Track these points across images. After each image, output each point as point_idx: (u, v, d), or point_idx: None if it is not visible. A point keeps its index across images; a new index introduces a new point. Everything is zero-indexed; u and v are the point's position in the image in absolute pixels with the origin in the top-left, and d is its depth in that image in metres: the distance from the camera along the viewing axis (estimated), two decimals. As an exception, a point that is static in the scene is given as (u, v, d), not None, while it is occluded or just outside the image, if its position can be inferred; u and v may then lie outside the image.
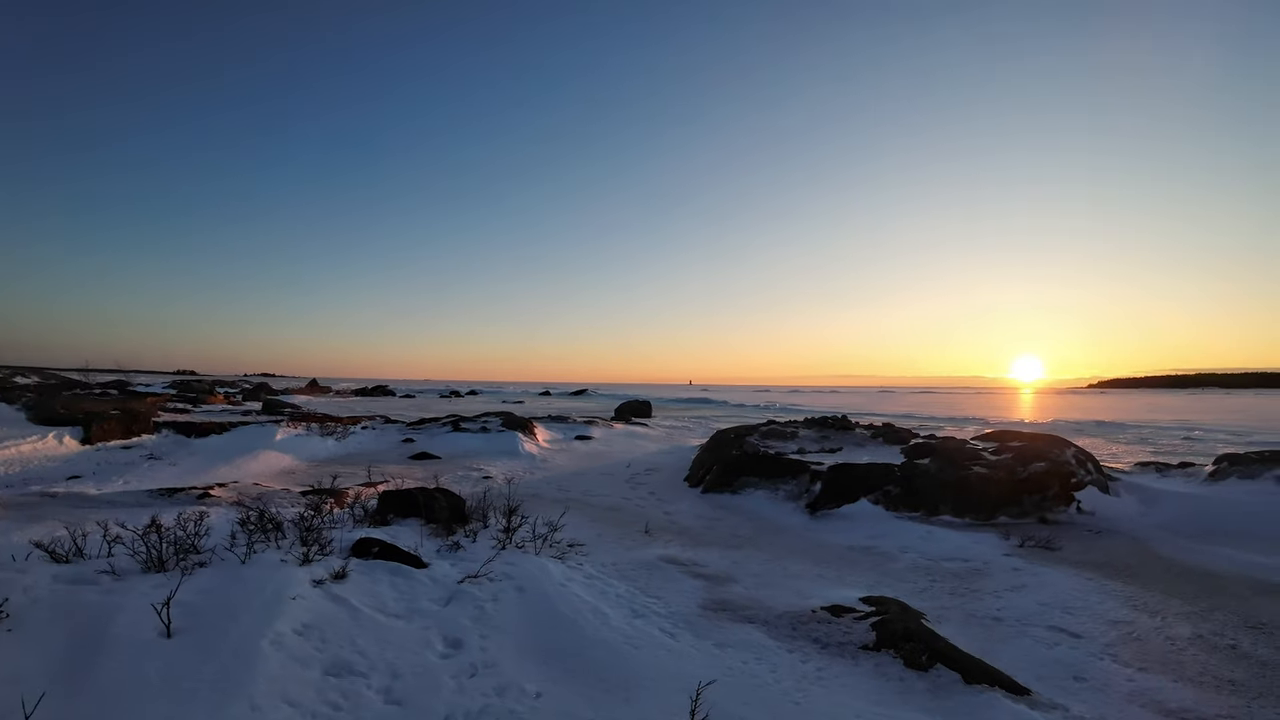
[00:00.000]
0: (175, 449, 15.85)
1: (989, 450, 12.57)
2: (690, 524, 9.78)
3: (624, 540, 8.68)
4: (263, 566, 6.12)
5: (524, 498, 10.79)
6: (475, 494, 10.89)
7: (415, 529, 8.12)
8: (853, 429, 15.27)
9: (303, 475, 13.56)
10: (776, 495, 11.23)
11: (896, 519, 10.39)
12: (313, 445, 17.17)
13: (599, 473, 14.62)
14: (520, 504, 9.05)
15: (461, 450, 17.28)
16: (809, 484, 11.08)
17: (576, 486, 12.65)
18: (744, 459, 12.13)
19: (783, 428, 14.76)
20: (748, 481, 11.69)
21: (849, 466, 11.33)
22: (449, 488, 12.20)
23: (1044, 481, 11.32)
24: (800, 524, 10.04)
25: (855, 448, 13.72)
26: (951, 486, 11.03)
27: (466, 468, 14.51)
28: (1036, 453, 12.09)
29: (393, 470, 14.16)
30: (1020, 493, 11.13)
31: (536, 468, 15.05)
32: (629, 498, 11.63)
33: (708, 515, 10.38)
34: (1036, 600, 6.87)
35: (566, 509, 9.94)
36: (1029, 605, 6.72)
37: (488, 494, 10.76)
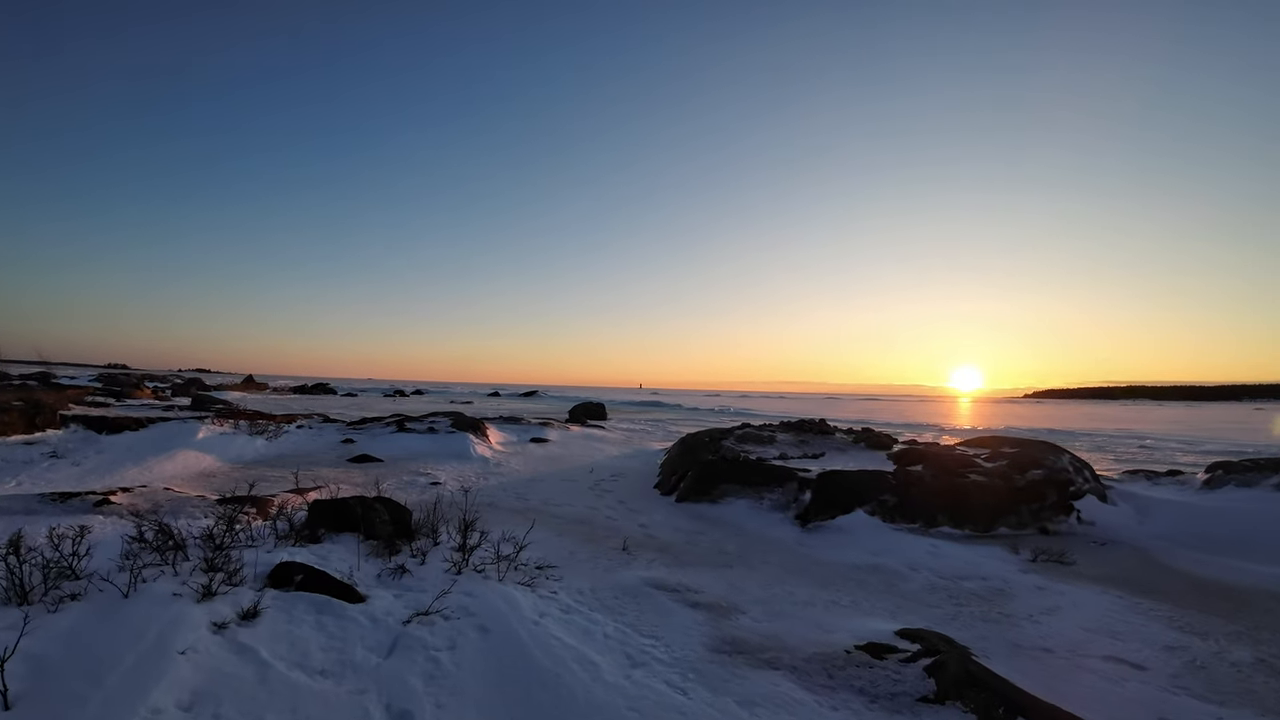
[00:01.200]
0: (82, 446, 14.04)
1: (982, 457, 11.78)
2: (670, 538, 8.63)
3: (600, 559, 7.48)
4: (150, 601, 4.79)
5: (479, 508, 9.55)
6: (423, 503, 9.59)
7: (352, 547, 6.80)
8: (832, 433, 14.33)
9: (224, 479, 12.01)
10: (761, 505, 10.17)
11: (895, 531, 9.45)
12: (239, 445, 15.50)
13: (559, 478, 13.36)
14: (477, 515, 7.82)
15: (407, 453, 15.80)
16: (797, 493, 10.05)
17: (537, 494, 11.40)
18: (723, 465, 11.04)
19: (758, 431, 13.74)
20: (728, 490, 10.60)
21: (840, 474, 10.34)
22: (393, 495, 10.84)
23: (1042, 490, 10.61)
24: (791, 538, 8.98)
25: (837, 453, 12.77)
26: (948, 496, 10.19)
27: (413, 472, 13.10)
28: (1032, 459, 11.35)
29: (329, 475, 12.69)
30: (1019, 502, 10.39)
31: (490, 472, 13.72)
32: (596, 507, 10.42)
33: (687, 528, 9.25)
34: (1077, 624, 6.22)
35: (531, 522, 8.71)
36: (1072, 631, 6.04)
37: (438, 503, 9.46)
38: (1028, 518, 10.25)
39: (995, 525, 10.05)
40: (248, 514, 9.00)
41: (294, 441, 17.13)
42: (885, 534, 9.32)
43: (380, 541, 7.15)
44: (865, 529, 9.45)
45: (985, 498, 10.28)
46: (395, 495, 10.65)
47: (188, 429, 15.85)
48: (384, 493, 11.09)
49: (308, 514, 7.99)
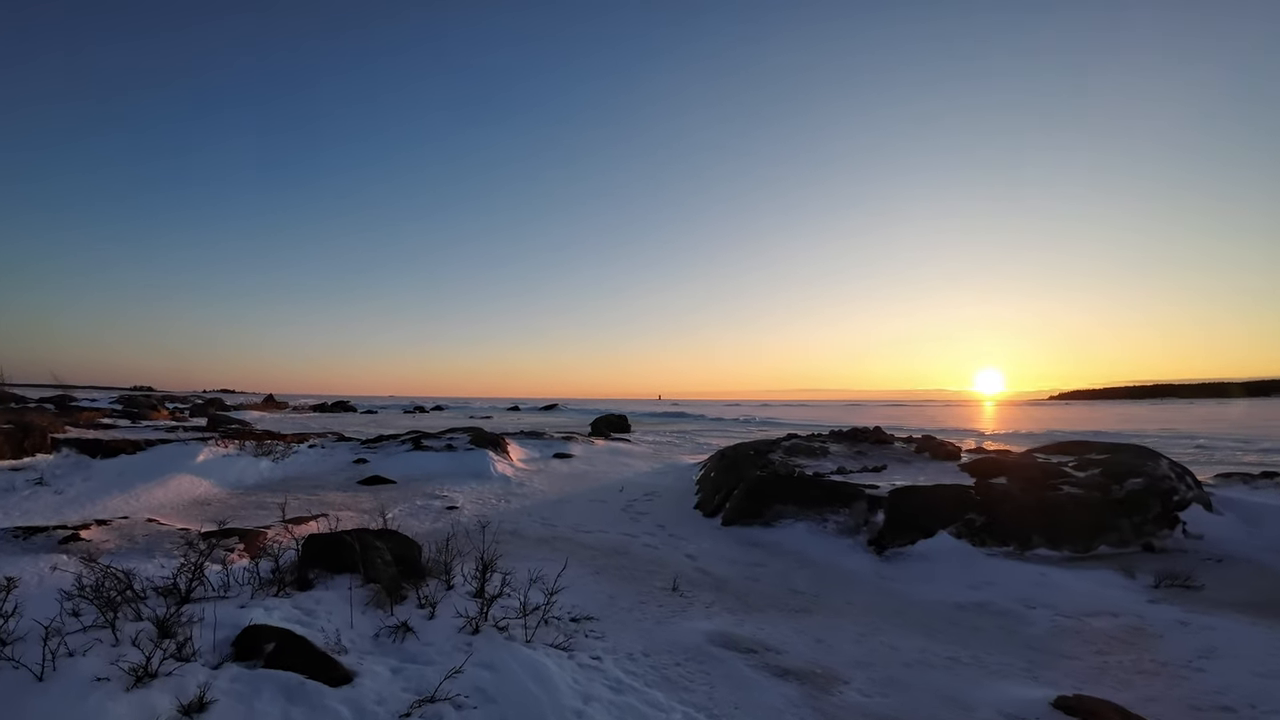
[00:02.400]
0: (71, 472, 12.95)
1: (1069, 465, 10.36)
2: (725, 572, 7.28)
3: (647, 604, 6.13)
4: (66, 688, 3.59)
5: (500, 536, 8.31)
6: (437, 533, 8.40)
7: (345, 595, 5.54)
8: (890, 443, 12.93)
9: (219, 507, 10.83)
10: (824, 528, 8.80)
11: (988, 557, 8.07)
12: (242, 468, 14.35)
13: (588, 499, 12.06)
14: (497, 548, 6.56)
15: (422, 473, 14.58)
16: (868, 514, 8.67)
17: (564, 518, 10.11)
18: (775, 481, 9.69)
19: (808, 443, 12.38)
20: (783, 511, 9.24)
21: (916, 491, 8.96)
22: (404, 521, 9.61)
23: (1143, 501, 9.23)
24: (869, 569, 7.62)
25: (899, 465, 11.37)
26: (1041, 512, 8.78)
27: (427, 495, 11.86)
28: (1129, 467, 9.93)
29: (335, 499, 11.49)
30: (1119, 515, 9.02)
31: (512, 493, 12.44)
32: (633, 534, 9.11)
33: (742, 558, 7.90)
34: (1248, 670, 5.00)
35: (560, 556, 7.44)
36: (1246, 681, 4.81)
37: (453, 534, 8.21)
38: (1129, 533, 8.85)
39: (1095, 544, 8.65)
40: (233, 551, 7.84)
41: (303, 463, 15.96)
42: (978, 561, 7.94)
43: (382, 586, 5.89)
44: (953, 555, 8.07)
45: (1082, 513, 8.88)
46: (406, 523, 9.42)
47: (187, 452, 14.73)
48: (393, 520, 9.87)
49: (299, 552, 6.77)
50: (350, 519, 9.64)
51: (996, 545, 8.44)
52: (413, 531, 8.77)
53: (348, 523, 9.41)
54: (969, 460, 11.33)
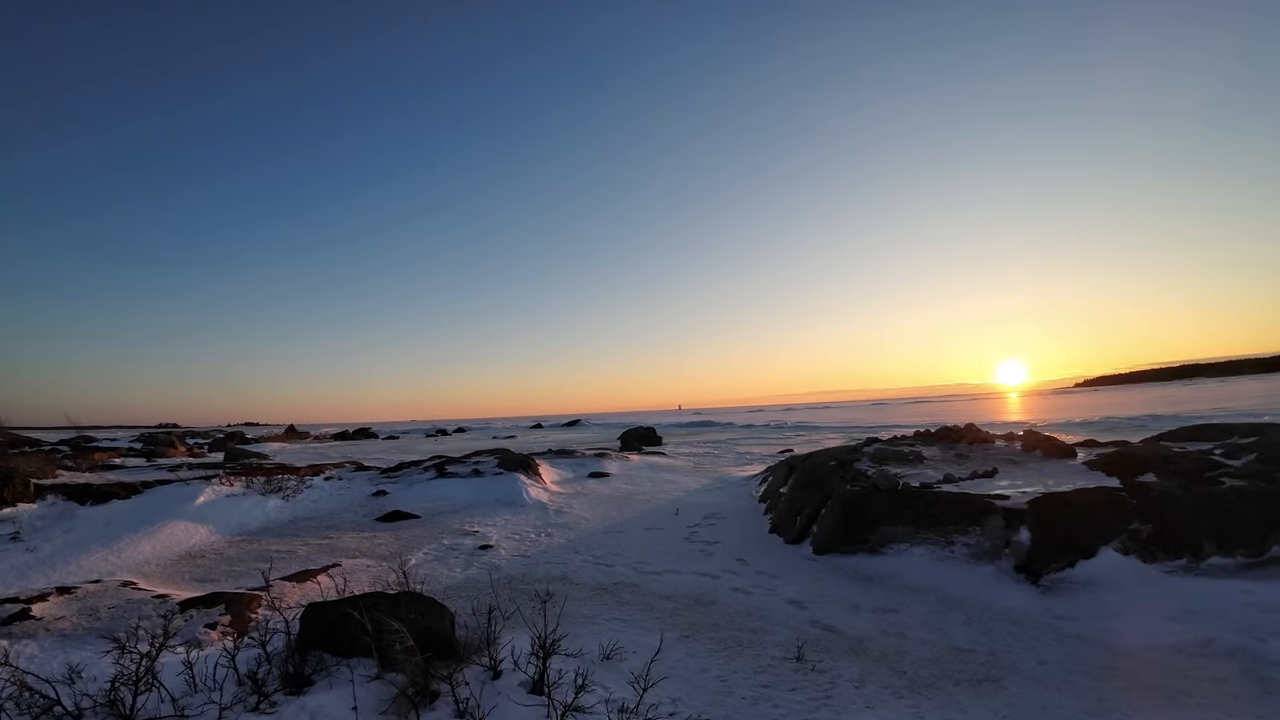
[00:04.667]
0: (53, 523, 11.41)
1: (1217, 452, 8.58)
2: (855, 627, 5.52)
3: (774, 688, 4.35)
4: None
5: (548, 584, 6.68)
6: (470, 583, 6.81)
7: (350, 699, 3.93)
8: (990, 441, 11.11)
9: (213, 560, 9.25)
10: (951, 554, 7.05)
11: (1167, 575, 6.36)
12: (246, 510, 12.77)
13: (641, 527, 10.34)
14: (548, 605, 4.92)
15: (448, 504, 12.94)
16: (1006, 532, 6.92)
17: (620, 555, 8.41)
18: (879, 497, 7.92)
19: (895, 447, 10.61)
20: (893, 533, 7.50)
21: (1060, 499, 7.19)
22: (430, 568, 7.94)
23: None
24: (1034, 606, 5.84)
25: (1010, 466, 9.58)
26: (1209, 512, 7.02)
27: (455, 531, 10.21)
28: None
29: (350, 543, 9.88)
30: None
31: (552, 524, 10.75)
32: (711, 572, 7.39)
33: (864, 603, 6.14)
34: None
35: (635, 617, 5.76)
36: None
37: (492, 586, 6.62)
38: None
39: (1267, 546, 6.88)
40: (214, 627, 6.24)
41: (316, 499, 14.37)
42: (1160, 582, 6.20)
43: (404, 679, 4.26)
44: (1128, 578, 6.31)
45: (1253, 509, 7.11)
46: (432, 571, 7.77)
47: (186, 494, 13.18)
48: (417, 568, 8.20)
49: (299, 630, 5.18)
50: (365, 570, 8.02)
51: (1168, 558, 6.70)
52: (441, 585, 7.12)
53: (361, 575, 7.79)
54: (1095, 456, 9.52)
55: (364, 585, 7.19)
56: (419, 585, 6.91)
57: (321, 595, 6.82)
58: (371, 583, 7.36)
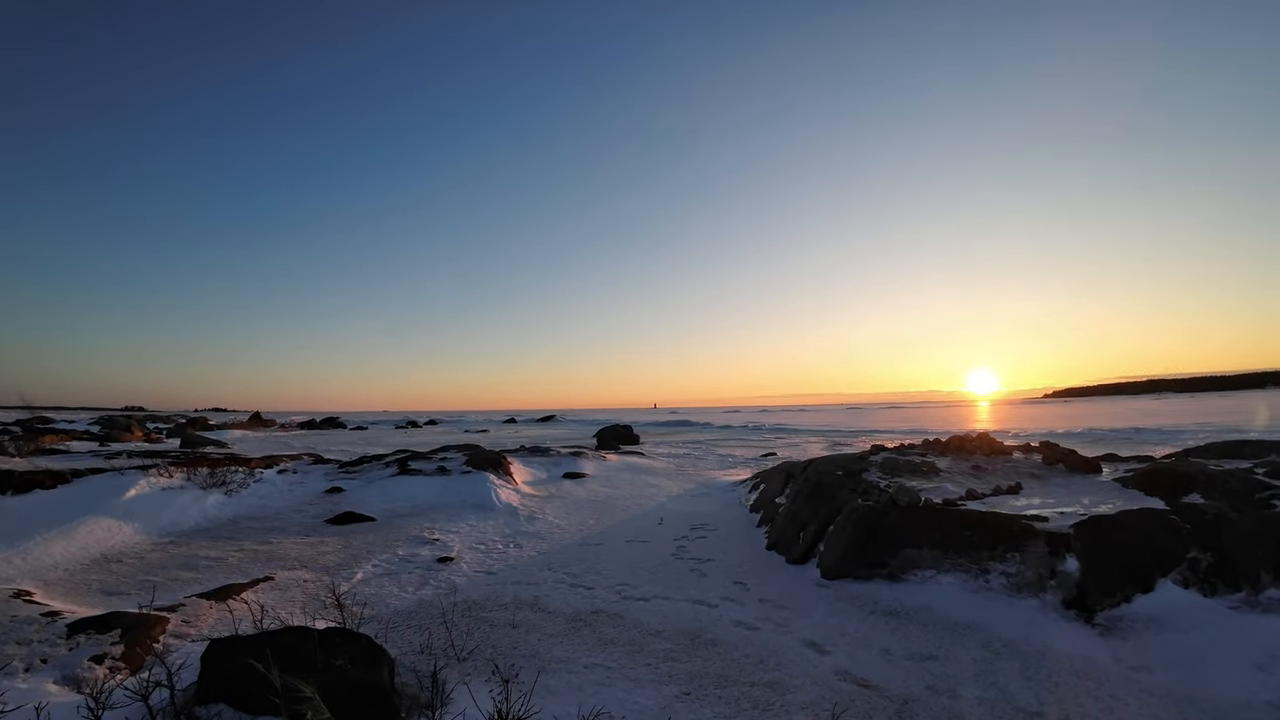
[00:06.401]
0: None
1: (1261, 472, 7.71)
2: (894, 681, 4.44)
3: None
4: None
5: (515, 609, 5.62)
6: (423, 607, 5.71)
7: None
8: (1008, 453, 10.15)
9: (131, 566, 8.04)
10: (986, 583, 6.06)
11: (1234, 613, 5.44)
12: (182, 505, 11.50)
13: (623, 538, 9.26)
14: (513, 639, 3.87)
15: (409, 505, 11.76)
16: (1050, 560, 5.94)
17: (601, 573, 7.33)
18: (899, 515, 6.90)
19: (903, 456, 9.62)
20: (917, 557, 6.50)
21: (1109, 524, 6.22)
22: (378, 587, 6.71)
23: None
24: (1098, 652, 4.85)
25: (1035, 481, 8.62)
26: (1263, 540, 6.13)
27: (413, 538, 9.06)
28: None
29: (290, 550, 8.70)
30: None
31: (523, 532, 9.64)
32: (708, 599, 6.32)
33: (896, 646, 5.09)
34: None
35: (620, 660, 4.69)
36: None
37: (449, 613, 5.52)
38: None
39: None
40: (102, 660, 5.08)
41: (263, 495, 13.11)
42: (1228, 621, 5.27)
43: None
44: (1195, 615, 5.37)
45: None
46: (380, 591, 6.63)
47: (117, 485, 11.87)
48: (362, 584, 7.03)
49: (200, 676, 4.08)
50: (301, 586, 6.86)
51: (1229, 591, 5.79)
52: (389, 609, 5.99)
53: (296, 594, 6.64)
54: (1128, 472, 8.60)
55: (295, 608, 6.05)
56: (361, 609, 5.80)
57: (245, 618, 5.68)
58: (305, 603, 6.22)
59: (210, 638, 4.83)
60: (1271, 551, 6.11)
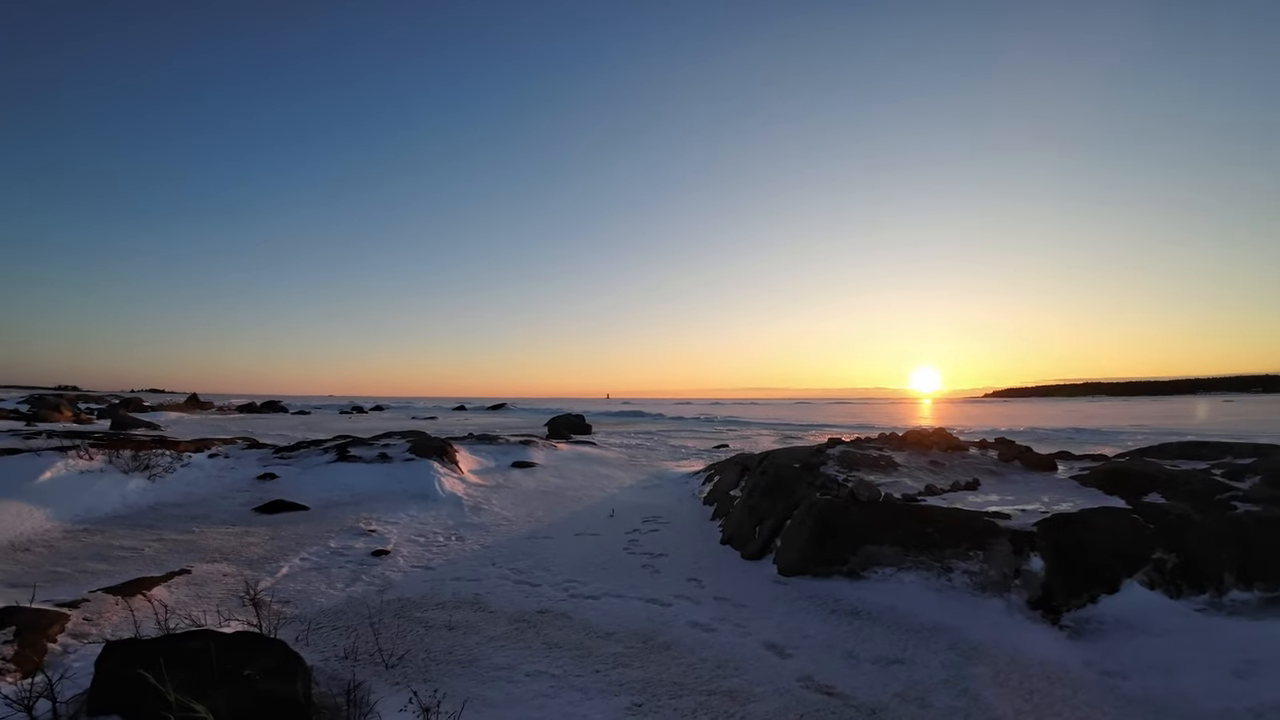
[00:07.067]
0: None
1: (1219, 473, 7.70)
2: (861, 689, 4.12)
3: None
4: None
5: (454, 609, 5.19)
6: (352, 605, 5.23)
7: None
8: (965, 449, 10.02)
9: (40, 555, 7.37)
10: (949, 582, 5.84)
11: (1201, 614, 5.39)
12: (101, 490, 10.73)
13: (573, 531, 8.88)
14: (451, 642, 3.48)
15: (346, 493, 11.18)
16: (1015, 559, 5.75)
17: (549, 569, 6.93)
18: (860, 510, 6.66)
19: (861, 450, 9.41)
20: (878, 555, 6.25)
21: (1075, 522, 6.07)
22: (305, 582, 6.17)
23: None
24: (1069, 656, 4.63)
25: (993, 477, 8.51)
26: (1227, 541, 6.07)
27: (346, 530, 8.54)
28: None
29: (213, 540, 8.10)
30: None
31: (466, 524, 9.18)
32: (661, 598, 5.97)
33: (861, 650, 4.78)
34: None
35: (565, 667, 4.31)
36: None
37: (379, 612, 5.06)
38: None
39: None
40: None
41: (190, 481, 12.35)
42: (1197, 623, 5.17)
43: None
44: (1163, 618, 5.25)
45: (1269, 537, 6.24)
46: (307, 588, 6.13)
47: (31, 467, 11.03)
48: (287, 579, 6.50)
49: (93, 682, 3.61)
50: (220, 581, 6.31)
51: (1193, 592, 5.72)
52: (314, 608, 5.50)
53: (213, 589, 6.09)
54: (1084, 470, 8.54)
55: (211, 605, 5.52)
56: (281, 607, 5.31)
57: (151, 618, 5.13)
58: (222, 601, 5.69)
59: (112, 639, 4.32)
60: (1235, 553, 6.05)
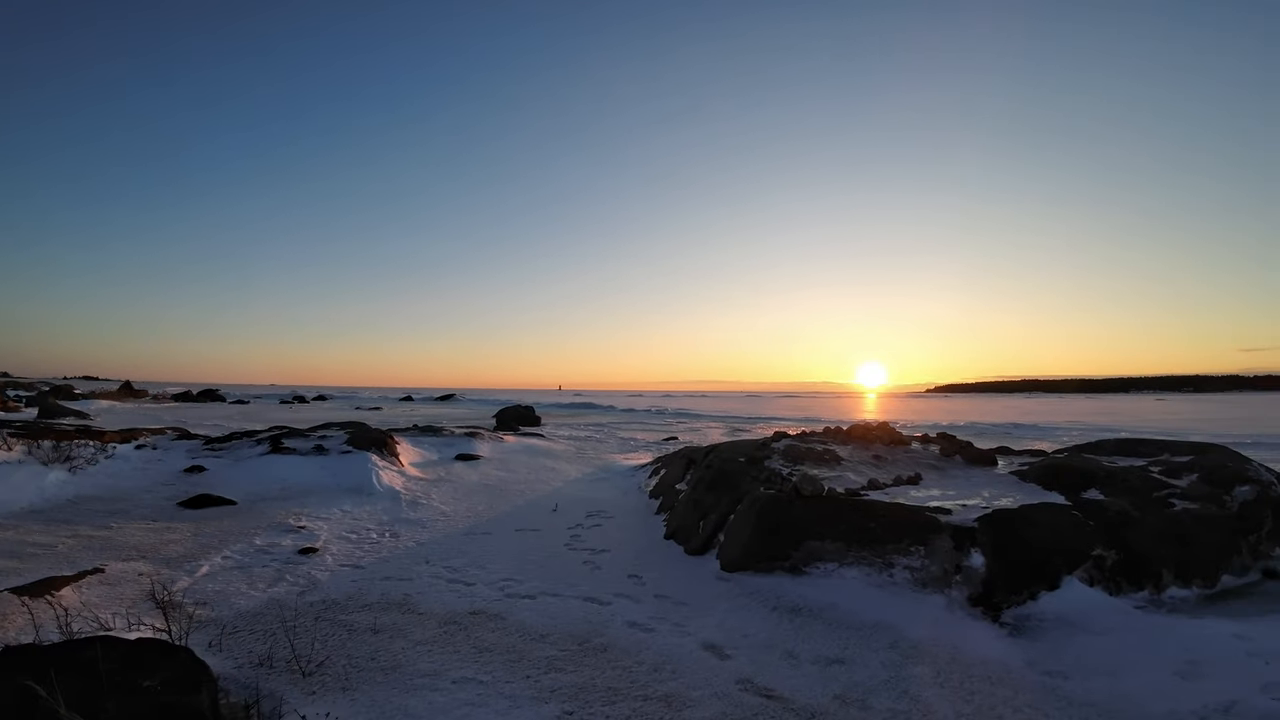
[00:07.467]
0: None
1: (1156, 470, 7.86)
2: (797, 689, 4.02)
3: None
4: None
5: (380, 610, 4.95)
6: (270, 609, 4.96)
7: None
8: (907, 443, 10.07)
9: (-68, 555, 6.85)
10: (890, 578, 5.80)
11: (1141, 612, 5.49)
12: (18, 483, 10.11)
13: (513, 527, 8.65)
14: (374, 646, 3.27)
15: (277, 487, 10.74)
16: (955, 554, 5.74)
17: (484, 567, 6.70)
18: (803, 506, 6.60)
19: (805, 443, 9.36)
20: (821, 550, 6.19)
21: (1016, 518, 6.09)
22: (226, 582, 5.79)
23: (1258, 514, 6.90)
24: (1011, 655, 4.60)
25: (934, 472, 8.56)
26: (1166, 539, 6.21)
27: (274, 526, 8.17)
28: (1232, 471, 7.62)
29: (132, 536, 7.67)
30: (1236, 534, 6.60)
31: (402, 519, 8.87)
32: (599, 596, 5.80)
33: (801, 649, 4.67)
34: None
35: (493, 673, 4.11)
36: None
37: (299, 619, 4.79)
38: (1247, 557, 6.52)
39: (1219, 574, 6.22)
40: None
41: (114, 473, 11.75)
42: (1138, 622, 5.24)
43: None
44: (1104, 616, 5.30)
45: (1209, 535, 6.44)
46: (226, 588, 5.80)
47: (-64, 459, 10.39)
48: (206, 579, 6.16)
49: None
50: (134, 581, 5.93)
51: (1132, 589, 5.82)
52: (231, 610, 5.19)
53: (127, 590, 5.73)
54: (1023, 466, 8.64)
55: (123, 607, 5.17)
56: (195, 610, 5.00)
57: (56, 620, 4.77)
58: (135, 602, 5.34)
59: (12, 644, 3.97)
60: (1174, 551, 6.17)
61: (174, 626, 4.21)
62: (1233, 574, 6.35)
